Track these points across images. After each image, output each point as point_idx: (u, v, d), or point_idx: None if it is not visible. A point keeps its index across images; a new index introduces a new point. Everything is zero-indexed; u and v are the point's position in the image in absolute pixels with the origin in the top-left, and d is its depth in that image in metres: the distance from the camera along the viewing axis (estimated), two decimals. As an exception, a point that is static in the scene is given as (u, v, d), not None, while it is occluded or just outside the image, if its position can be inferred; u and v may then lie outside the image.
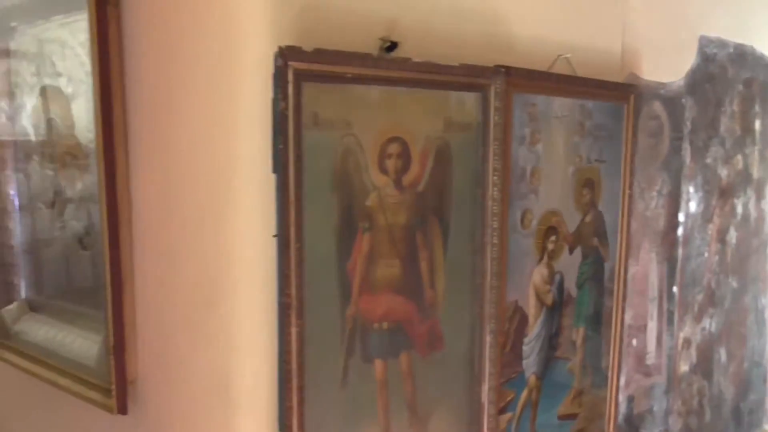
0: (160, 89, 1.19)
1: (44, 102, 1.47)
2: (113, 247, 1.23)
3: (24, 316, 1.65)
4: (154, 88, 1.21)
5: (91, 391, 1.34)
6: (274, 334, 1.05)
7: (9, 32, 1.54)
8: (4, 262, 1.67)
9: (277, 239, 1.02)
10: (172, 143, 1.17)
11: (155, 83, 1.20)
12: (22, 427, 1.75)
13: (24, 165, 1.57)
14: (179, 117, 1.15)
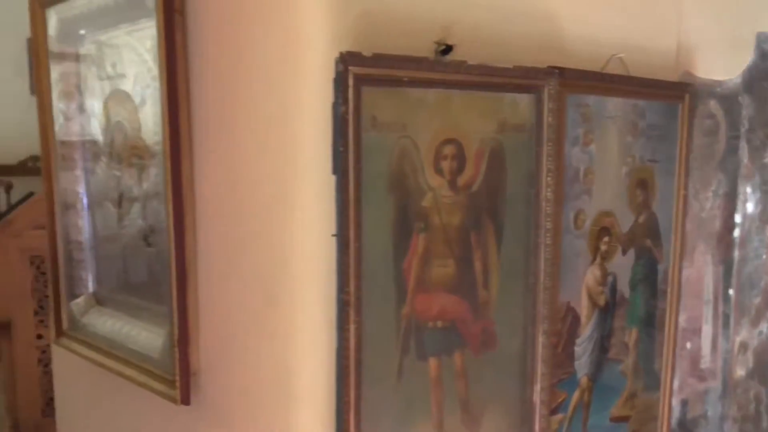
0: (224, 93, 1.24)
1: (112, 105, 1.53)
2: (178, 245, 1.28)
3: (91, 309, 1.72)
4: (218, 92, 1.26)
5: (155, 382, 1.39)
6: (332, 330, 1.08)
7: (79, 39, 1.61)
8: (72, 258, 1.75)
9: (337, 238, 1.05)
10: (235, 145, 1.22)
11: (219, 88, 1.25)
12: (90, 413, 1.83)
13: (92, 165, 1.65)
14: (242, 120, 1.20)
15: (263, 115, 1.16)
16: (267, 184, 1.16)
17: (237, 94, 1.22)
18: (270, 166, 1.15)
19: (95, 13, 1.48)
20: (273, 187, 1.15)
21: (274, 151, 1.14)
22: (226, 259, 1.28)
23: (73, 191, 1.72)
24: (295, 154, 1.10)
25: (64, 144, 1.71)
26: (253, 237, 1.20)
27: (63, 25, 1.62)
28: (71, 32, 1.61)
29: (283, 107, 1.12)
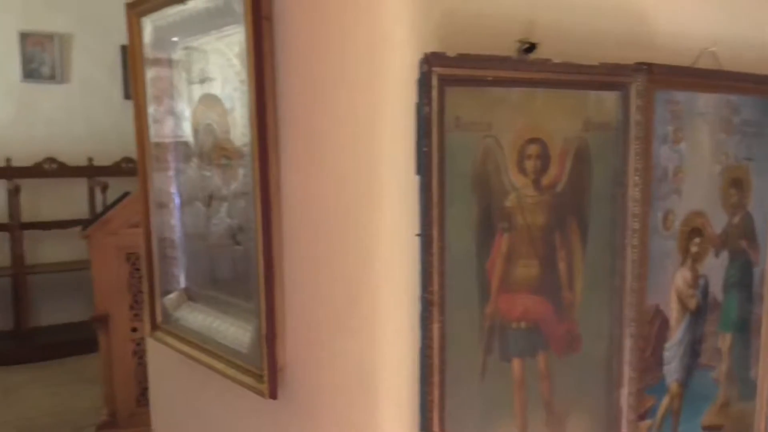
0: (309, 95, 1.27)
1: (202, 109, 1.60)
2: (266, 243, 1.32)
3: (183, 304, 1.80)
4: (303, 94, 1.29)
5: (244, 376, 1.44)
6: (415, 329, 1.09)
7: (171, 46, 1.68)
8: (166, 255, 1.83)
9: (420, 238, 1.06)
10: (320, 146, 1.25)
11: (304, 90, 1.28)
12: (182, 403, 1.91)
13: (184, 166, 1.72)
14: (327, 121, 1.22)
15: (347, 116, 1.18)
16: (351, 185, 1.18)
17: (322, 96, 1.24)
18: (354, 166, 1.17)
19: (187, 20, 1.54)
20: (357, 187, 1.17)
21: (358, 152, 1.16)
22: (310, 257, 1.31)
23: (166, 191, 1.79)
24: (379, 154, 1.12)
25: (157, 146, 1.79)
26: (338, 236, 1.23)
27: (157, 32, 1.70)
28: (164, 39, 1.69)
29: (367, 108, 1.14)
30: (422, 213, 1.05)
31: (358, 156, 1.15)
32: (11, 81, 5.54)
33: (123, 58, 5.91)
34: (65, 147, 5.66)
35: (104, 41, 5.84)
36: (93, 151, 5.73)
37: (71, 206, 5.66)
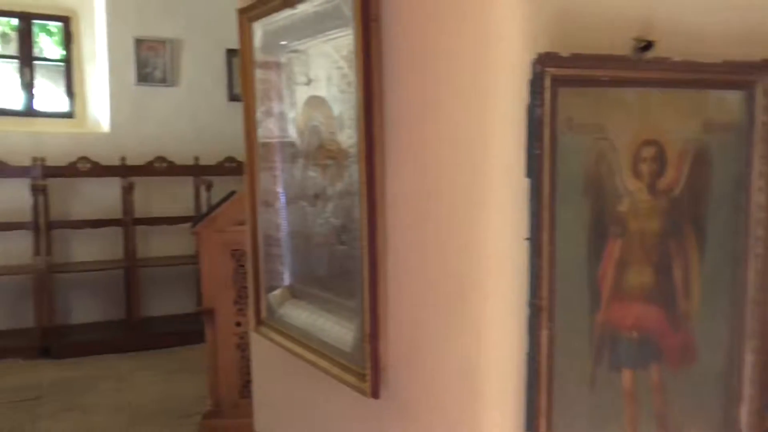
0: (416, 96, 1.27)
1: (308, 110, 1.63)
2: (371, 244, 1.33)
3: (287, 301, 1.84)
4: (410, 95, 1.29)
5: (346, 374, 1.46)
6: (523, 334, 1.07)
7: (279, 49, 1.73)
8: (271, 253, 1.88)
9: (530, 242, 1.04)
10: (427, 146, 1.25)
11: (411, 91, 1.28)
12: (284, 397, 1.96)
13: (290, 166, 1.76)
14: (434, 122, 1.22)
15: (455, 116, 1.17)
16: (458, 186, 1.17)
17: (429, 97, 1.24)
18: (461, 167, 1.16)
19: (296, 24, 1.58)
20: (464, 189, 1.16)
21: (466, 153, 1.15)
22: (415, 258, 1.31)
23: (272, 190, 1.84)
24: (488, 156, 1.10)
25: (264, 146, 1.84)
26: (443, 237, 1.22)
27: (266, 36, 1.75)
28: (273, 43, 1.74)
29: (475, 109, 1.13)
30: (532, 217, 1.03)
31: (467, 157, 1.14)
32: (127, 84, 5.87)
33: (228, 61, 6.15)
34: (174, 147, 5.94)
35: (211, 46, 6.09)
36: (199, 151, 5.99)
37: (178, 203, 5.93)
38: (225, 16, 5.97)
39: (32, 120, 5.90)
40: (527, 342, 1.06)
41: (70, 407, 4.12)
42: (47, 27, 6.17)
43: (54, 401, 4.22)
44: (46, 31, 6.21)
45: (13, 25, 5.97)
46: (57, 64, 6.14)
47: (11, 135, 5.59)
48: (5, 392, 4.36)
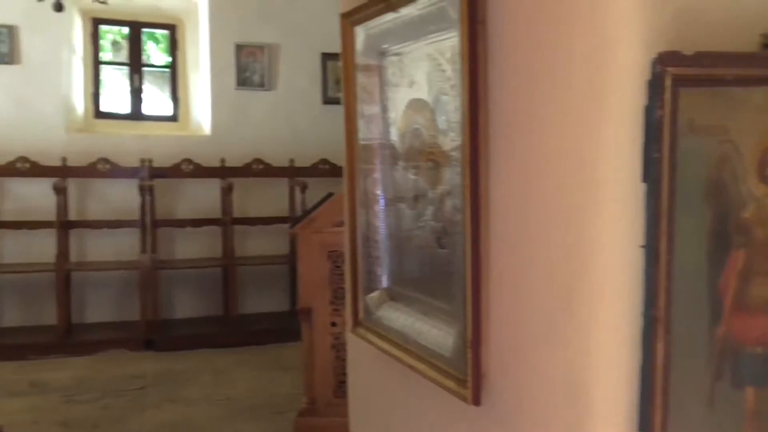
0: (523, 99, 1.25)
1: (410, 113, 1.63)
2: (474, 248, 1.31)
3: (384, 303, 1.85)
4: (516, 98, 1.26)
5: (446, 380, 1.45)
6: (636, 346, 1.02)
7: (381, 52, 1.74)
8: (369, 255, 1.89)
9: (645, 250, 0.99)
10: (534, 149, 1.22)
11: (517, 93, 1.26)
12: (379, 398, 1.96)
13: (390, 168, 1.77)
14: (543, 125, 1.19)
15: (565, 119, 1.14)
16: (567, 191, 1.14)
17: (538, 99, 1.21)
18: (571, 171, 1.13)
19: (399, 27, 1.58)
20: (574, 194, 1.12)
21: (576, 157, 1.12)
22: (520, 263, 1.28)
23: (372, 192, 1.85)
24: (600, 159, 1.07)
25: (364, 148, 1.85)
26: (549, 243, 1.19)
27: (368, 40, 1.76)
28: (375, 46, 1.75)
29: (587, 111, 1.09)
30: (648, 223, 0.99)
31: (577, 161, 1.11)
32: (228, 89, 6.08)
33: (323, 65, 6.26)
34: (270, 149, 6.10)
35: (307, 50, 6.22)
36: (294, 153, 6.12)
37: (273, 204, 6.09)
38: (320, 21, 6.13)
39: (140, 123, 6.22)
40: (641, 355, 1.02)
41: (172, 398, 4.30)
42: (155, 35, 6.48)
43: (157, 392, 4.41)
44: (154, 39, 6.52)
45: (124, 33, 6.31)
46: (163, 71, 6.44)
47: (121, 138, 5.91)
48: (114, 381, 4.60)
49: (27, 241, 5.54)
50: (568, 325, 1.15)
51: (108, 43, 6.37)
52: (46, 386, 4.52)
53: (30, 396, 4.34)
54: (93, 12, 5.96)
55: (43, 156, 5.52)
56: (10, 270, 5.50)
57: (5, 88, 5.57)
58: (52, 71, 5.68)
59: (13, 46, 5.55)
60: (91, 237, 5.74)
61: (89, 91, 6.10)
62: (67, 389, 4.46)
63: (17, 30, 5.55)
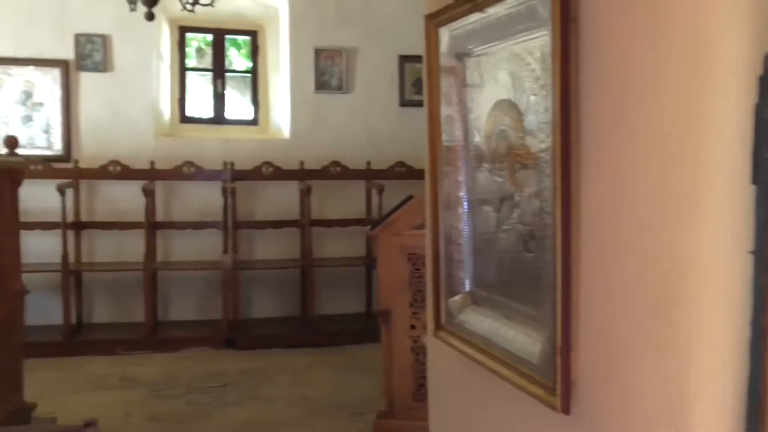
0: (617, 98, 1.20)
1: (496, 114, 1.60)
2: (564, 253, 1.28)
3: (467, 307, 1.83)
4: (610, 97, 1.22)
5: (533, 386, 1.41)
6: (742, 359, 0.97)
7: (466, 53, 1.72)
8: (452, 258, 1.87)
9: (754, 256, 0.93)
10: (629, 150, 1.17)
11: (611, 93, 1.22)
12: (460, 403, 1.94)
13: (474, 171, 1.74)
14: (639, 125, 1.15)
15: (662, 119, 1.09)
16: (665, 193, 1.09)
17: (631, 99, 1.17)
18: (670, 173, 1.08)
19: (486, 27, 1.56)
20: (672, 196, 1.07)
21: (675, 158, 1.07)
22: (610, 269, 1.24)
23: (455, 195, 1.83)
24: (702, 161, 1.01)
25: (448, 150, 1.84)
26: (645, 248, 1.14)
27: (453, 41, 1.74)
28: (460, 47, 1.73)
29: (687, 111, 1.04)
30: (758, 228, 0.93)
31: (677, 163, 1.06)
32: (306, 93, 6.18)
33: (400, 67, 6.28)
34: (347, 151, 6.16)
35: (385, 53, 6.25)
36: (371, 156, 6.16)
37: (350, 206, 6.15)
38: (398, 23, 6.15)
39: (222, 127, 6.40)
40: (748, 368, 0.96)
41: (252, 396, 4.40)
42: (237, 41, 6.66)
43: (238, 390, 4.52)
44: (235, 45, 6.70)
45: (208, 40, 6.51)
46: (244, 75, 6.60)
47: (205, 141, 6.09)
48: (198, 378, 4.74)
49: (117, 241, 5.79)
50: (664, 334, 1.10)
51: (192, 50, 6.60)
52: (135, 381, 4.70)
53: (120, 390, 4.53)
54: (180, 20, 6.19)
55: (133, 159, 5.76)
56: (101, 268, 5.76)
57: (99, 95, 5.84)
58: (142, 78, 5.92)
59: (107, 55, 5.81)
60: (176, 237, 5.95)
61: (175, 97, 6.32)
62: (155, 384, 4.63)
63: (110, 39, 5.82)
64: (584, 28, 1.26)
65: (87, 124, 5.84)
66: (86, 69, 5.79)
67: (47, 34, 5.70)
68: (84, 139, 5.83)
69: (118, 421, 3.96)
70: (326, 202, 6.13)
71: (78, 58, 5.76)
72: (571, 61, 1.25)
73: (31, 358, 3.86)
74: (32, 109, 5.75)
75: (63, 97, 5.74)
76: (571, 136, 1.27)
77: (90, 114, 5.84)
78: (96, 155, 5.75)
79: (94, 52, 5.78)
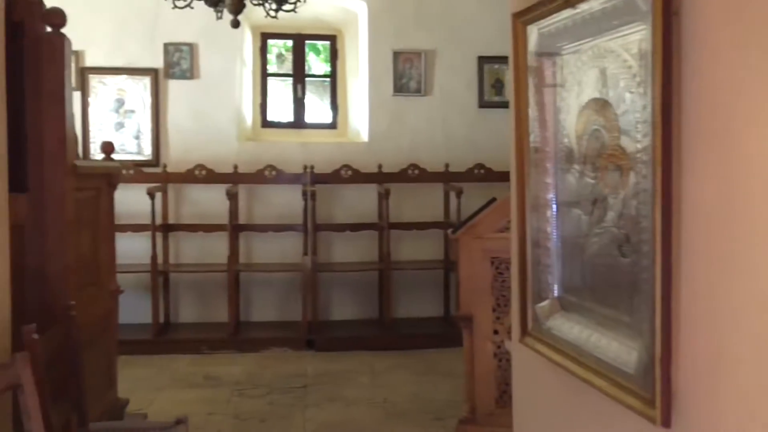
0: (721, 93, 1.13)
1: (588, 113, 1.55)
2: (665, 257, 1.22)
3: (555, 313, 1.77)
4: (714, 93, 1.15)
5: (629, 397, 1.35)
6: None
7: (556, 51, 1.67)
8: (539, 262, 1.82)
9: None
10: (735, 149, 1.10)
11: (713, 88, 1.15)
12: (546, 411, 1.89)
13: (564, 172, 1.69)
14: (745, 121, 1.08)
15: (775, 116, 1.02)
16: (779, 195, 1.02)
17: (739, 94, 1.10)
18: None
19: (578, 24, 1.51)
20: (788, 199, 1.00)
21: (791, 158, 1.00)
22: (715, 273, 1.17)
23: (543, 197, 1.78)
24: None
25: (535, 152, 1.79)
26: (756, 253, 1.07)
27: (542, 39, 1.70)
28: (549, 45, 1.68)
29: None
30: None
31: (794, 162, 0.99)
32: (385, 96, 6.20)
33: (479, 68, 6.21)
34: (425, 154, 6.14)
35: (463, 54, 6.20)
36: (449, 158, 6.12)
37: (429, 209, 6.12)
38: (477, 25, 6.09)
39: (302, 131, 6.50)
40: None
41: (332, 398, 4.43)
42: (316, 46, 6.76)
43: (318, 391, 4.57)
44: (314, 50, 6.80)
45: (288, 46, 6.63)
46: (323, 80, 6.69)
47: (286, 145, 6.21)
48: (279, 379, 4.82)
49: (202, 243, 5.97)
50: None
51: (273, 56, 6.73)
52: (219, 380, 4.82)
53: (204, 388, 4.66)
54: (262, 27, 6.33)
55: (217, 163, 5.92)
56: (187, 269, 5.95)
57: (186, 102, 6.04)
58: (226, 84, 6.09)
59: (193, 63, 6.01)
60: (257, 239, 6.08)
61: (257, 102, 6.47)
62: (238, 384, 4.74)
63: (197, 47, 6.01)
64: (686, 21, 1.20)
65: (174, 130, 6.05)
66: (174, 77, 6.00)
67: (139, 44, 5.94)
68: (171, 144, 6.05)
69: (203, 419, 4.07)
70: (404, 205, 6.12)
71: (167, 66, 5.98)
72: (673, 56, 1.19)
73: (122, 355, 4.02)
74: (124, 116, 6.01)
75: (152, 104, 5.98)
76: (673, 135, 1.21)
77: (177, 120, 6.05)
78: (182, 159, 5.94)
79: (182, 60, 5.98)
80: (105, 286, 3.40)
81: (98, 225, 3.29)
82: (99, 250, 3.29)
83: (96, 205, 3.29)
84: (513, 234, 2.01)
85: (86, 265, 3.10)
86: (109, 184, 3.49)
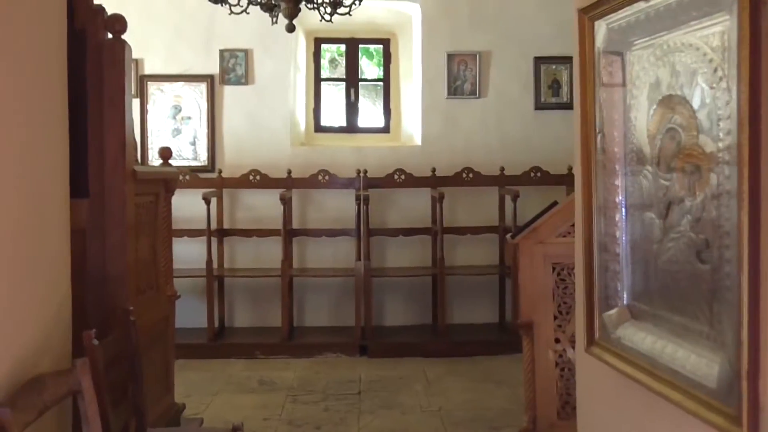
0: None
1: (662, 111, 1.46)
2: (753, 264, 1.13)
3: (625, 322, 1.69)
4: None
5: (710, 413, 1.27)
6: None
7: (627, 47, 1.59)
8: (607, 268, 1.74)
9: None
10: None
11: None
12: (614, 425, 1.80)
13: (635, 174, 1.61)
14: None
15: None
16: None
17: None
18: None
19: (651, 17, 1.43)
20: None
21: None
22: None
23: (612, 201, 1.70)
24: None
25: (604, 153, 1.71)
26: None
27: (611, 34, 1.62)
28: (619, 41, 1.60)
29: None
30: None
31: None
32: (439, 98, 6.14)
33: (535, 69, 6.09)
34: (480, 157, 6.05)
35: (518, 55, 6.09)
36: (504, 161, 6.01)
37: (483, 213, 6.02)
38: (532, 25, 5.98)
39: (355, 136, 6.48)
40: None
41: (386, 405, 4.38)
42: (368, 50, 6.74)
43: (373, 397, 4.52)
44: (367, 54, 6.78)
45: (341, 50, 6.63)
46: (375, 84, 6.67)
47: (339, 150, 6.20)
48: (333, 384, 4.80)
49: (256, 248, 6.00)
50: None
51: (326, 61, 6.75)
52: (273, 384, 4.83)
53: (259, 393, 4.67)
54: (315, 32, 6.35)
55: (270, 168, 5.95)
56: (242, 274, 5.99)
57: (241, 107, 6.10)
58: (280, 90, 6.12)
59: (248, 68, 6.07)
60: (311, 244, 6.08)
61: (310, 107, 6.49)
62: (292, 389, 4.73)
63: (252, 53, 6.07)
64: None
65: (229, 135, 6.11)
66: (229, 83, 6.06)
67: (195, 51, 6.03)
68: (226, 149, 6.11)
69: (258, 424, 4.07)
70: (458, 209, 6.04)
71: (222, 72, 6.05)
72: (762, 49, 1.10)
73: (179, 359, 4.05)
74: (181, 123, 6.10)
75: (208, 110, 6.05)
76: (761, 133, 1.12)
77: (231, 125, 6.11)
78: (237, 165, 6.00)
79: (237, 66, 6.04)
80: (163, 291, 3.43)
81: (156, 230, 3.32)
82: (157, 255, 3.32)
83: (154, 210, 3.33)
84: (578, 239, 1.93)
85: (145, 269, 3.14)
86: (167, 189, 3.53)
